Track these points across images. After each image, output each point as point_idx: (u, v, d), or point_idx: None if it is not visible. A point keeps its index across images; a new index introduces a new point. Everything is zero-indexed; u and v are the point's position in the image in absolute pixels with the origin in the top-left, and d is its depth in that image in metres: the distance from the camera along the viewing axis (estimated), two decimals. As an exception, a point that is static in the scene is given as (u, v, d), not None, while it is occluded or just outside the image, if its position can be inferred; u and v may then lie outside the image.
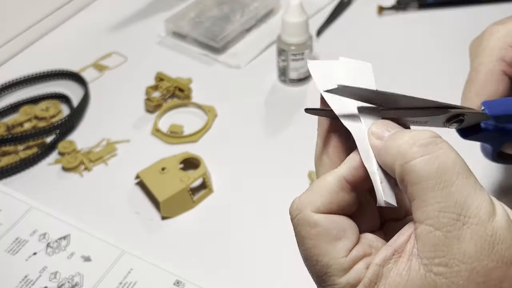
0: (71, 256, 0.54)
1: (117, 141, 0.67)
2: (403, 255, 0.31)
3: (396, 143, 0.32)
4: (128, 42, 0.80)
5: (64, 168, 0.63)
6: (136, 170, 0.61)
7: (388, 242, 0.33)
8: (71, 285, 0.52)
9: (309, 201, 0.34)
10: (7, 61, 0.79)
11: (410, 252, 0.31)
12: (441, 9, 0.82)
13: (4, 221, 0.58)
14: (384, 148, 0.32)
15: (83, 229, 0.56)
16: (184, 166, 0.62)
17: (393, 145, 0.32)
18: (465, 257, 0.29)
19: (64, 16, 0.84)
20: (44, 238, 0.56)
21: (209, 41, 0.76)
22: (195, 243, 0.56)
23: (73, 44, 0.81)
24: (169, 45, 0.79)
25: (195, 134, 0.66)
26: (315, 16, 0.81)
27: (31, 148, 0.66)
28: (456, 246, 0.29)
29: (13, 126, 0.68)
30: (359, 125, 0.33)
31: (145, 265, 0.53)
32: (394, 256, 0.32)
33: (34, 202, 0.59)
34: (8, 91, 0.74)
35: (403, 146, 0.31)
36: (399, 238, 0.32)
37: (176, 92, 0.71)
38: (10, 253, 0.55)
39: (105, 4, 0.87)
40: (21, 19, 0.80)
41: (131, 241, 0.56)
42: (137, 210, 0.59)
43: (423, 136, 0.31)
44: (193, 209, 0.59)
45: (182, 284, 0.52)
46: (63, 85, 0.74)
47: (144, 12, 0.85)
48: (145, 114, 0.70)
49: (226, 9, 0.80)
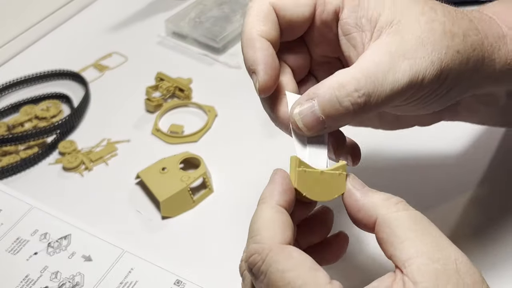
0: (72, 255, 0.55)
1: (117, 141, 0.67)
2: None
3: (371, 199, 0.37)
4: (128, 42, 0.81)
5: (64, 168, 0.64)
6: (136, 170, 0.61)
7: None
8: (72, 284, 0.52)
9: (270, 237, 0.35)
10: (7, 61, 0.79)
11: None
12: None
13: (4, 221, 0.58)
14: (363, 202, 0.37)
15: (83, 229, 0.57)
16: (184, 166, 0.62)
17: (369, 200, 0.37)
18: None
19: (64, 16, 0.84)
20: (45, 238, 0.56)
21: (209, 41, 0.77)
22: (195, 243, 0.56)
23: (73, 44, 0.81)
24: (169, 45, 0.79)
25: (195, 134, 0.67)
26: (315, 16, 0.81)
27: (31, 148, 0.66)
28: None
29: (14, 126, 0.68)
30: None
31: (145, 264, 0.53)
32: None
33: (35, 202, 0.59)
34: (8, 91, 0.74)
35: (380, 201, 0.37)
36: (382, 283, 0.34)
37: (176, 92, 0.71)
38: (11, 253, 0.55)
39: (105, 4, 0.88)
40: (22, 19, 0.80)
41: (131, 240, 0.56)
42: (138, 209, 0.59)
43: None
44: (193, 209, 0.59)
45: (183, 284, 0.52)
46: (63, 85, 0.75)
47: (144, 12, 0.85)
48: (145, 114, 0.70)
49: (226, 9, 0.81)
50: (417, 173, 0.59)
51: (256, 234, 0.35)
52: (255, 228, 0.36)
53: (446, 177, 0.59)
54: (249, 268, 0.35)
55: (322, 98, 0.37)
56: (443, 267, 0.33)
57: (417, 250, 0.33)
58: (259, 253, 0.34)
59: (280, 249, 0.34)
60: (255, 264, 0.34)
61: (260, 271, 0.34)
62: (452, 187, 0.58)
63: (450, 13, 0.40)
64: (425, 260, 0.33)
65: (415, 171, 0.59)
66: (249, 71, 0.40)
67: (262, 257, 0.34)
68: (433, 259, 0.33)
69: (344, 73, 0.38)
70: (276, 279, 0.33)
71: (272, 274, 0.33)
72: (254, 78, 0.39)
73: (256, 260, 0.34)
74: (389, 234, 0.35)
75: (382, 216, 0.35)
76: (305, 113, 0.38)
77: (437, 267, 0.33)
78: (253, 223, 0.36)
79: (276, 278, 0.33)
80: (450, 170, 0.59)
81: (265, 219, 0.36)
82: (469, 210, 0.56)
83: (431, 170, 0.60)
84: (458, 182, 0.58)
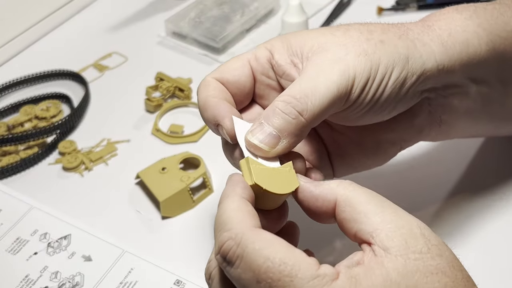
0: (71, 255, 0.55)
1: (117, 141, 0.67)
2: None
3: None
4: (128, 42, 0.81)
5: (64, 168, 0.64)
6: (136, 170, 0.61)
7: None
8: (72, 284, 0.52)
9: (241, 222, 0.35)
10: (7, 61, 0.79)
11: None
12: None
13: (4, 221, 0.58)
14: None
15: (83, 229, 0.57)
16: (184, 166, 0.62)
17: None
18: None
19: (64, 16, 0.84)
20: (44, 238, 0.56)
21: (209, 41, 0.77)
22: (195, 243, 0.56)
23: (73, 44, 0.81)
24: (169, 45, 0.79)
25: (195, 134, 0.67)
26: (315, 16, 0.81)
27: (31, 148, 0.66)
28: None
29: (14, 126, 0.68)
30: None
31: (145, 264, 0.53)
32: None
33: (35, 202, 0.59)
34: (8, 91, 0.74)
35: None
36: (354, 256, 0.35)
37: (176, 92, 0.71)
38: (11, 253, 0.55)
39: (105, 4, 0.87)
40: (22, 19, 0.80)
41: (131, 240, 0.56)
42: (138, 209, 0.59)
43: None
44: (193, 209, 0.59)
45: (182, 284, 0.52)
46: (63, 85, 0.75)
47: (144, 12, 0.85)
48: (145, 114, 0.70)
49: (226, 9, 0.81)
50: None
51: (226, 224, 0.35)
52: (222, 221, 0.36)
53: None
54: (222, 257, 0.35)
55: (274, 119, 0.40)
56: (409, 231, 0.35)
57: (382, 220, 0.35)
58: (232, 238, 0.34)
59: (254, 231, 0.34)
60: (229, 250, 0.34)
61: (235, 255, 0.34)
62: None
63: (365, 26, 0.45)
64: (392, 227, 0.35)
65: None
66: (212, 127, 0.43)
67: (236, 241, 0.34)
68: (398, 226, 0.35)
69: (285, 91, 0.42)
70: (254, 258, 0.33)
71: (249, 255, 0.33)
72: (221, 130, 0.43)
73: (230, 245, 0.34)
74: (351, 212, 0.36)
75: (341, 196, 0.37)
76: (263, 137, 0.40)
77: (404, 232, 0.34)
78: (219, 217, 0.36)
79: (254, 257, 0.33)
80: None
81: (232, 210, 0.36)
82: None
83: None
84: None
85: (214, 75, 0.45)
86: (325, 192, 0.38)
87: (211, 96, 0.43)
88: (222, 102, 0.43)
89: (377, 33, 0.44)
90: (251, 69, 0.45)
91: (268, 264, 0.33)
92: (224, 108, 0.43)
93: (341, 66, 0.42)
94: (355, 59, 0.42)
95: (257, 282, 0.33)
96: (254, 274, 0.33)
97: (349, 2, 0.84)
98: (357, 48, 0.43)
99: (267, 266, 0.33)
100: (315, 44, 0.43)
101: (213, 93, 0.44)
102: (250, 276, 0.33)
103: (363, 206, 0.36)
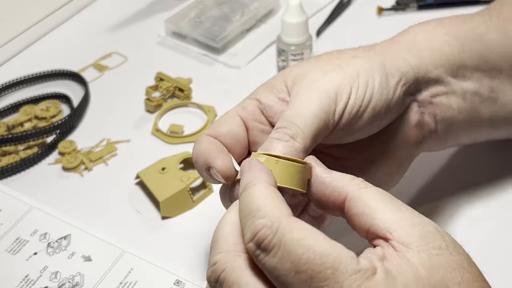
0: (71, 256, 0.55)
1: (117, 141, 0.67)
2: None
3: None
4: (128, 42, 0.81)
5: (64, 168, 0.64)
6: (136, 170, 0.61)
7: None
8: (72, 284, 0.52)
9: (276, 210, 0.34)
10: (7, 61, 0.79)
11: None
12: (440, 10, 0.82)
13: (4, 221, 0.58)
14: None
15: (83, 229, 0.57)
16: (184, 166, 0.62)
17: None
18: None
19: (64, 16, 0.84)
20: (44, 238, 0.56)
21: (209, 41, 0.77)
22: (195, 243, 0.56)
23: (73, 44, 0.81)
24: (169, 45, 0.79)
25: (195, 134, 0.67)
26: (315, 16, 0.81)
27: (31, 148, 0.66)
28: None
29: (14, 126, 0.68)
30: None
31: (145, 264, 0.53)
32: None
33: (35, 202, 0.59)
34: (8, 91, 0.74)
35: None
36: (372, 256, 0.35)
37: (176, 92, 0.71)
38: (10, 253, 0.55)
39: (105, 4, 0.87)
40: (21, 19, 0.80)
41: (131, 241, 0.56)
42: (137, 209, 0.59)
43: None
44: (193, 209, 0.59)
45: (182, 284, 0.52)
46: (63, 85, 0.75)
47: (144, 12, 0.85)
48: (145, 114, 0.70)
49: (226, 9, 0.81)
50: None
51: (258, 210, 0.34)
52: (253, 208, 0.34)
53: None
54: (257, 245, 0.33)
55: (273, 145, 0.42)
56: (426, 228, 0.35)
57: (397, 217, 0.35)
58: (268, 226, 0.33)
59: (291, 219, 0.34)
60: (264, 239, 0.33)
61: (272, 244, 0.33)
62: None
63: (334, 51, 0.48)
64: (409, 224, 0.35)
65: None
66: (205, 173, 0.44)
67: (273, 230, 0.33)
68: (414, 223, 0.35)
69: (284, 114, 0.44)
70: (294, 248, 0.32)
71: (287, 245, 0.32)
72: (212, 172, 0.43)
73: (265, 234, 0.33)
74: (363, 207, 0.36)
75: (353, 191, 0.37)
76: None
77: (421, 228, 0.35)
78: (247, 205, 0.35)
79: (293, 247, 0.32)
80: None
81: (263, 197, 0.35)
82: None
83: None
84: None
85: (206, 132, 0.46)
86: (335, 185, 0.38)
87: (203, 147, 0.45)
88: (212, 148, 0.44)
89: (347, 52, 0.48)
90: (241, 119, 0.46)
91: (308, 255, 0.32)
92: (214, 151, 0.44)
93: (319, 85, 0.44)
94: (331, 75, 0.45)
95: (296, 273, 0.32)
96: (293, 265, 0.32)
97: (349, 2, 0.84)
98: (330, 66, 0.46)
99: (307, 257, 0.32)
100: (294, 76, 0.46)
101: (205, 146, 0.45)
102: (288, 266, 0.32)
103: (377, 202, 0.36)
